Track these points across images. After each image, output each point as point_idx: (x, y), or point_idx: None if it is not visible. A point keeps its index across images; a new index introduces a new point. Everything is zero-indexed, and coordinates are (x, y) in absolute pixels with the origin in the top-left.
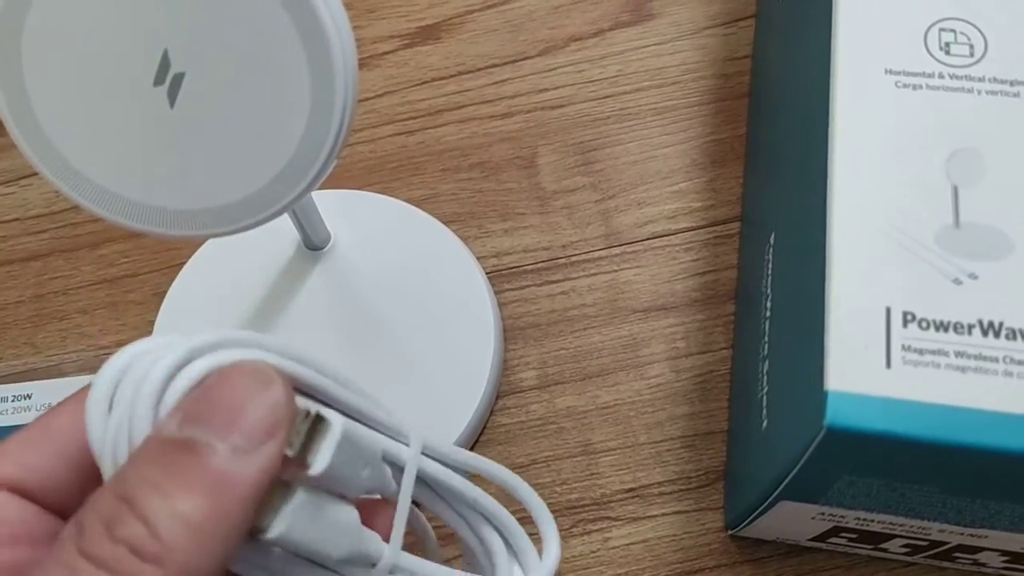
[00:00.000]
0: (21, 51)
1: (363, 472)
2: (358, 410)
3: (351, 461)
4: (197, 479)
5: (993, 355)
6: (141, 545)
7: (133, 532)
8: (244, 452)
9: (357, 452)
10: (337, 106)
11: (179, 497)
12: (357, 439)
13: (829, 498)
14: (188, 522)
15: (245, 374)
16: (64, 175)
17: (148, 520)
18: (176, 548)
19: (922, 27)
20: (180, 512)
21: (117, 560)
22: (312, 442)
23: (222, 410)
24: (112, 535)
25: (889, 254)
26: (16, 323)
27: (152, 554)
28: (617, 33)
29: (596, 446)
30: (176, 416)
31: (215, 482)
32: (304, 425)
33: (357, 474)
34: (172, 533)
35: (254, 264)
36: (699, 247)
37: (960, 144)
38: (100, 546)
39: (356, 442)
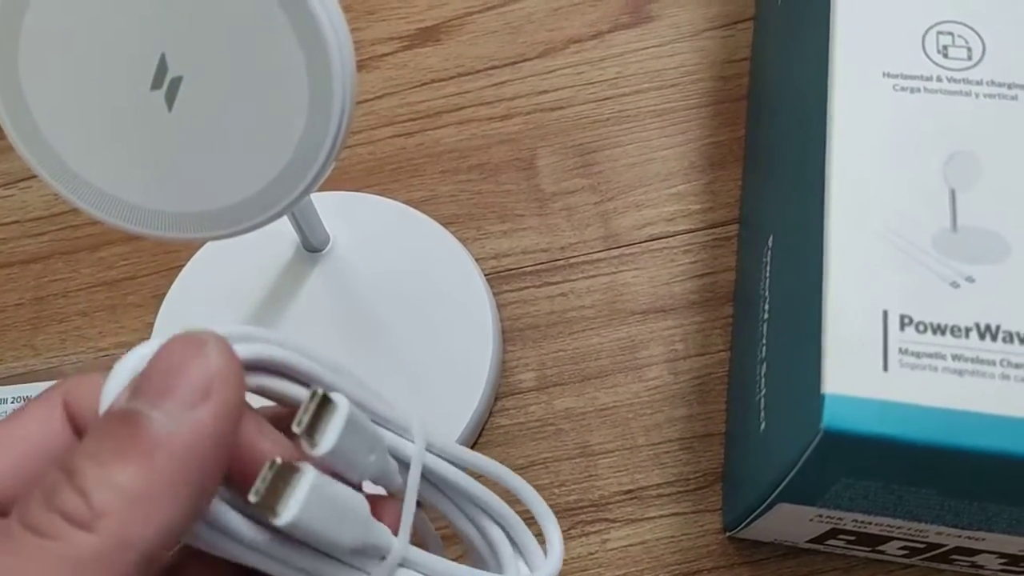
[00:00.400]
0: (18, 54)
1: (370, 457)
2: (359, 402)
3: (358, 444)
4: (131, 447)
5: (990, 358)
6: (74, 512)
7: (68, 500)
8: (178, 417)
9: (364, 435)
10: (335, 108)
11: (114, 466)
12: (363, 421)
13: (827, 500)
14: (121, 488)
15: (179, 341)
16: (63, 178)
17: (83, 489)
18: (109, 514)
19: (920, 30)
20: (114, 480)
21: (52, 527)
22: (319, 422)
23: (156, 379)
24: (49, 504)
25: (886, 257)
26: (16, 325)
27: (84, 520)
28: (616, 35)
29: (594, 448)
30: (126, 391)
31: (147, 448)
32: (312, 404)
33: (364, 458)
34: (104, 500)
35: (253, 266)
36: (697, 249)
37: (958, 147)
38: (37, 515)
39: (362, 424)
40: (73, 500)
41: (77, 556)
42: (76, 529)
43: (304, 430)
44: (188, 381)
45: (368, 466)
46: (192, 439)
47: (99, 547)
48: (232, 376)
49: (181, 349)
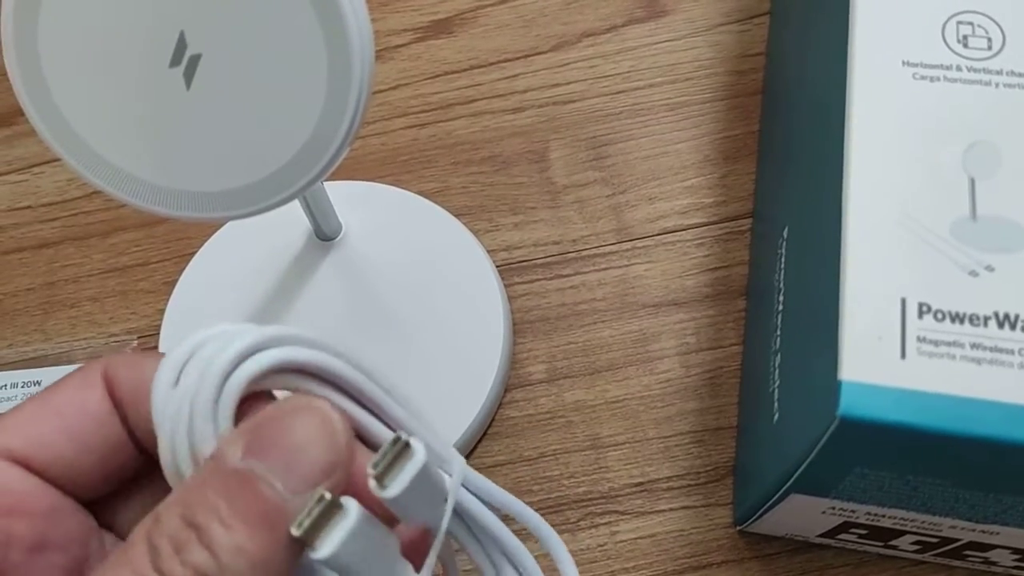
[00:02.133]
0: (37, 33)
1: (425, 509)
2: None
3: (420, 495)
4: (255, 513)
5: (1009, 347)
6: (205, 570)
7: (200, 559)
8: (300, 492)
9: (428, 487)
10: (353, 90)
11: (238, 529)
12: (433, 475)
13: (840, 491)
14: (245, 552)
15: (310, 414)
16: (81, 156)
17: (213, 549)
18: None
19: (940, 20)
20: (240, 545)
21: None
22: (392, 463)
23: (283, 449)
24: (182, 558)
25: (905, 245)
26: (27, 310)
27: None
28: (630, 29)
29: (604, 440)
30: (238, 443)
31: (272, 518)
32: (392, 449)
33: (419, 508)
34: (231, 561)
35: (265, 254)
36: (710, 243)
37: (977, 137)
38: (171, 566)
39: (431, 478)
40: (204, 557)
41: None
42: None
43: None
44: (315, 461)
45: (420, 515)
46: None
47: None
48: (350, 457)
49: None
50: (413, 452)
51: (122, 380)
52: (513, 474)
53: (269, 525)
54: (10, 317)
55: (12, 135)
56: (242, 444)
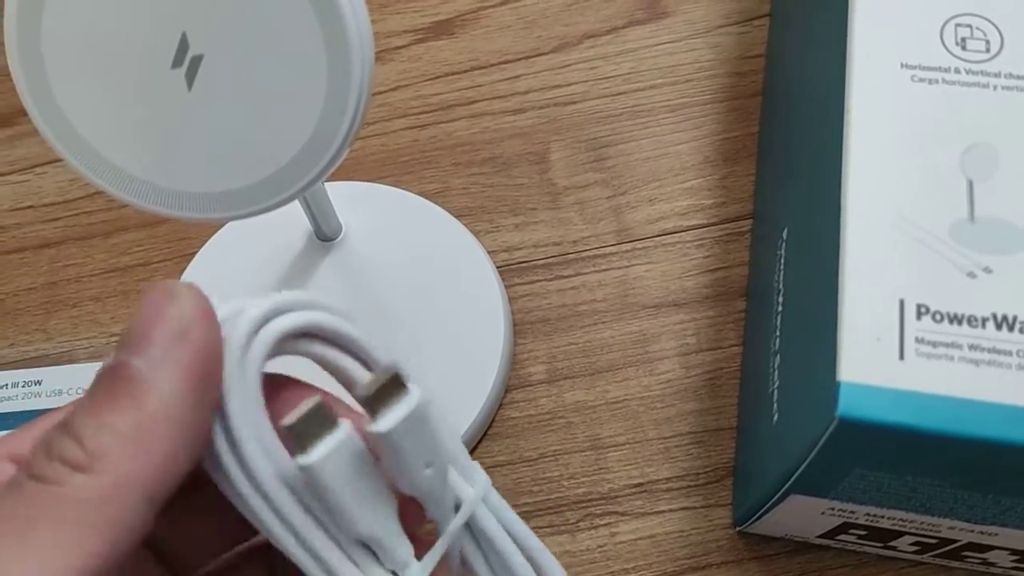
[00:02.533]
0: (40, 35)
1: (425, 469)
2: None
3: (417, 446)
4: (120, 393)
5: (1007, 348)
6: (72, 457)
7: (65, 448)
8: (159, 359)
9: (428, 439)
10: (353, 91)
11: (105, 412)
12: (435, 423)
13: (839, 492)
14: (114, 430)
15: (152, 295)
16: (83, 156)
17: (78, 436)
18: (104, 455)
19: (938, 22)
20: (106, 423)
21: (54, 473)
22: (385, 399)
23: (136, 331)
24: (49, 454)
25: (903, 247)
26: (28, 309)
27: (82, 463)
28: (631, 31)
29: (604, 441)
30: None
31: (133, 391)
32: (384, 376)
33: (418, 466)
34: (98, 442)
35: (265, 254)
36: (710, 244)
37: (975, 139)
38: (39, 465)
39: (431, 427)
40: (70, 447)
41: (80, 497)
42: (76, 472)
43: (367, 398)
44: (164, 327)
45: (420, 479)
46: (175, 378)
47: (100, 487)
48: (206, 318)
49: (156, 301)
50: (409, 391)
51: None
52: (513, 475)
53: (134, 399)
54: (12, 316)
55: (14, 135)
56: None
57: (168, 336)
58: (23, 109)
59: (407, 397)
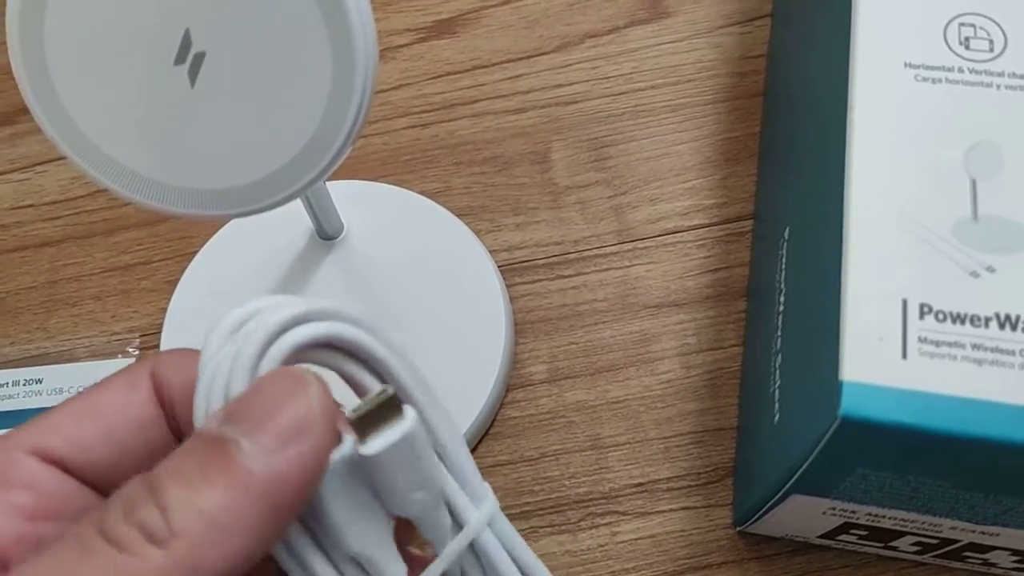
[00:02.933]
0: (43, 32)
1: (415, 493)
2: (445, 447)
3: (406, 469)
4: (219, 473)
5: (1010, 348)
6: (152, 527)
7: (147, 516)
8: (270, 451)
9: (418, 464)
10: (356, 89)
11: (198, 488)
12: (424, 450)
13: (841, 492)
14: (201, 512)
15: (282, 377)
16: (86, 154)
17: (164, 506)
18: (185, 535)
19: (942, 21)
20: (196, 502)
21: (128, 540)
22: (376, 422)
23: (255, 410)
24: (129, 517)
25: (906, 246)
26: (29, 308)
27: (160, 537)
28: (632, 30)
29: (605, 440)
30: (219, 415)
31: (235, 477)
32: (378, 398)
33: (407, 489)
34: (183, 520)
35: (267, 253)
36: (712, 244)
37: (978, 138)
38: (116, 526)
39: (423, 452)
40: (153, 515)
41: (145, 571)
42: (150, 545)
43: (357, 420)
44: (284, 418)
45: (408, 503)
46: (279, 477)
47: (168, 566)
48: (328, 421)
49: (282, 384)
50: (403, 414)
51: (172, 381)
52: (514, 474)
53: (232, 485)
54: (12, 315)
55: (15, 133)
56: (221, 414)
57: (285, 429)
58: (24, 107)
59: (399, 422)
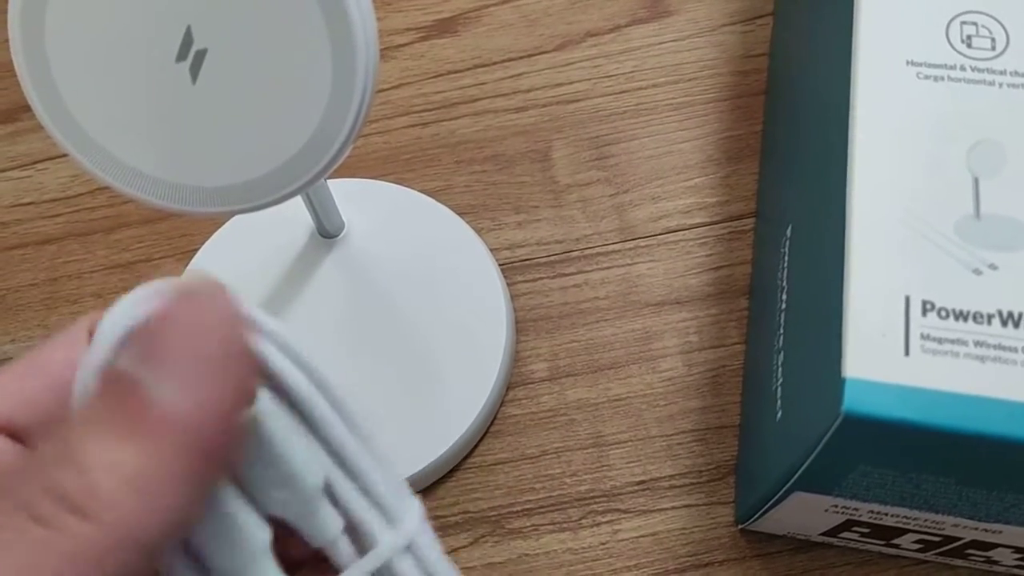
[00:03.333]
0: (45, 27)
1: (273, 492)
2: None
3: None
4: (136, 425)
5: (1012, 345)
6: (74, 495)
7: (66, 478)
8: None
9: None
10: (357, 87)
11: (116, 443)
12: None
13: (843, 489)
14: (125, 473)
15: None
16: (87, 151)
17: (83, 465)
18: (109, 505)
19: (944, 20)
20: (116, 460)
21: (49, 513)
22: None
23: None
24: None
25: (909, 244)
26: (30, 305)
27: (84, 508)
28: (634, 29)
29: (607, 438)
30: (134, 347)
31: (153, 428)
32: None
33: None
34: (106, 484)
35: (267, 251)
36: (713, 242)
37: (981, 136)
38: (32, 495)
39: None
40: (72, 479)
41: (74, 550)
42: (75, 518)
43: None
44: (201, 351)
45: (272, 501)
46: (203, 421)
47: (99, 540)
48: (248, 350)
49: (193, 309)
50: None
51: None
52: (515, 472)
53: (154, 437)
54: (13, 312)
55: (16, 131)
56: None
57: (203, 365)
58: (25, 105)
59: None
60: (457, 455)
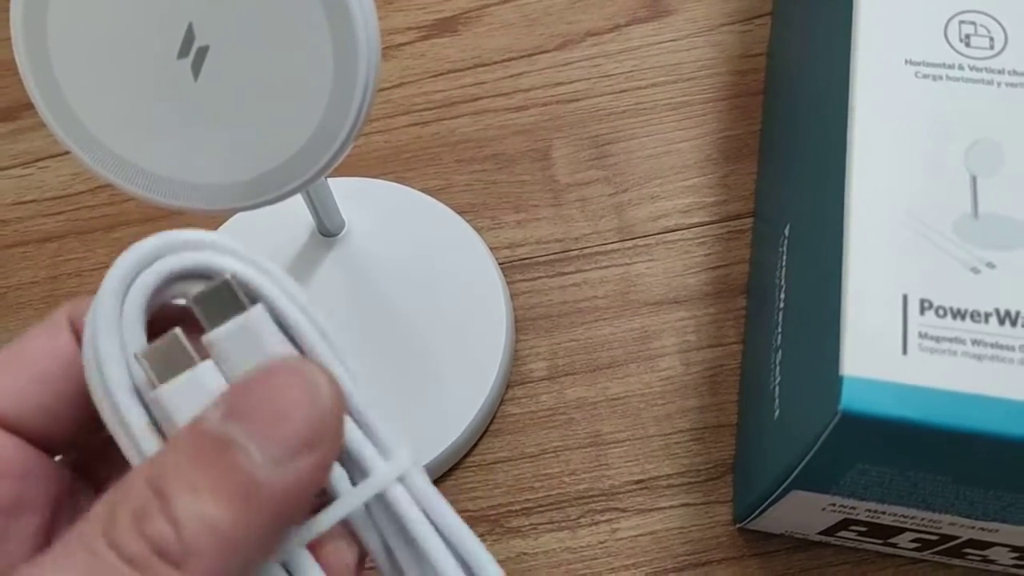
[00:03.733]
0: (47, 26)
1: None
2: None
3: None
4: (229, 485)
5: (1010, 343)
6: (166, 545)
7: (159, 529)
8: (279, 462)
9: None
10: (358, 87)
11: (209, 501)
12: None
13: (841, 488)
14: (216, 529)
15: (294, 375)
16: (89, 148)
17: (176, 519)
18: (200, 554)
19: (942, 19)
20: (208, 517)
21: (142, 557)
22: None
23: (264, 413)
24: (140, 529)
25: (907, 242)
26: (30, 303)
27: (176, 558)
28: (633, 29)
29: (605, 437)
30: (220, 408)
31: (247, 492)
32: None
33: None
34: (197, 537)
35: (268, 249)
36: (712, 242)
37: (979, 135)
38: (127, 538)
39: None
40: (165, 530)
41: None
42: (167, 566)
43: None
44: (296, 426)
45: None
46: (288, 490)
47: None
48: (340, 429)
49: (292, 380)
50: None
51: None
52: (514, 471)
53: (245, 500)
54: (13, 310)
55: (17, 129)
56: (223, 408)
57: (298, 441)
58: (26, 103)
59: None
60: (456, 454)
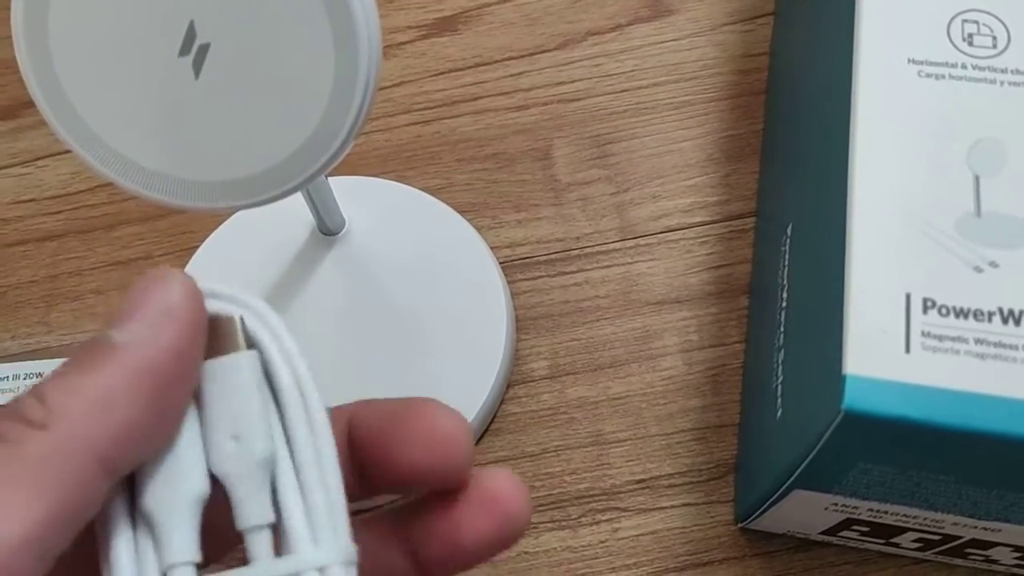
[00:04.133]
0: (47, 23)
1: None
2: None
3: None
4: (93, 361)
5: (1013, 343)
6: (31, 414)
7: (26, 405)
8: (137, 332)
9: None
10: (360, 83)
11: (73, 376)
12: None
13: (843, 487)
14: (77, 393)
15: (145, 276)
16: (89, 146)
17: (41, 395)
18: (63, 414)
19: (945, 18)
20: (71, 385)
21: (11, 430)
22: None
23: (122, 307)
24: (11, 412)
25: (909, 241)
26: (30, 302)
27: (39, 420)
28: (635, 28)
29: (607, 437)
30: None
31: (105, 360)
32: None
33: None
34: (59, 401)
35: (268, 248)
36: (714, 241)
37: (982, 134)
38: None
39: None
40: (31, 405)
41: (34, 454)
42: (32, 429)
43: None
44: (149, 304)
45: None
46: (149, 350)
47: (55, 443)
48: (193, 301)
49: (145, 283)
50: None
51: None
52: (515, 470)
53: (104, 364)
54: (13, 309)
55: (17, 128)
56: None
57: (152, 314)
58: (26, 102)
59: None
60: None
